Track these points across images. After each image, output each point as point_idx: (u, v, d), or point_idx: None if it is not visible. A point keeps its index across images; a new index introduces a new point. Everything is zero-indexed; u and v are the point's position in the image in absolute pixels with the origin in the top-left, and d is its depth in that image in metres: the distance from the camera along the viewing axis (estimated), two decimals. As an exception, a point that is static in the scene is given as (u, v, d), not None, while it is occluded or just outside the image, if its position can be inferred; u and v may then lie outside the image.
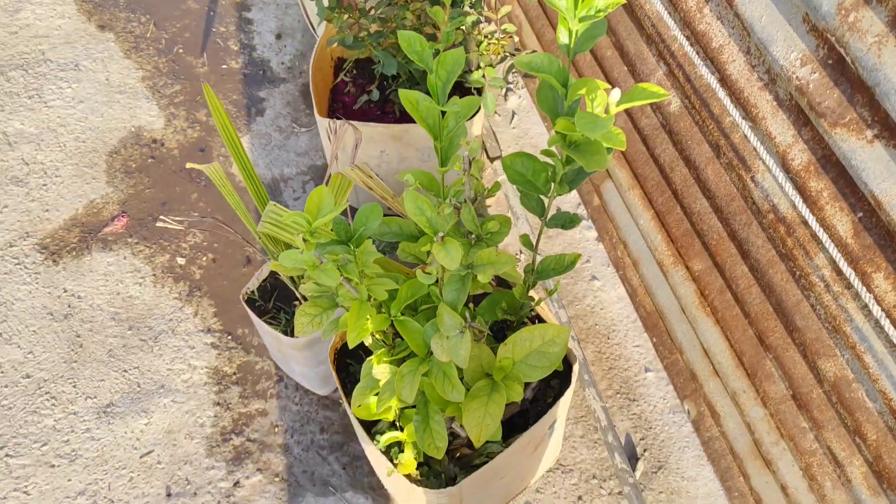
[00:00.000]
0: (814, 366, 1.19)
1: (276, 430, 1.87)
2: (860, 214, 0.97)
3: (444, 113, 1.15)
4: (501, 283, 1.49)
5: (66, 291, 2.04)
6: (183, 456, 1.83)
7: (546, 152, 1.06)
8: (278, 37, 2.56)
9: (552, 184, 1.08)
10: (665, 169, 1.52)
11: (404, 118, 1.97)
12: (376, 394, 1.26)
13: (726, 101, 1.14)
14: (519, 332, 1.17)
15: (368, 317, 1.19)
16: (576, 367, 1.36)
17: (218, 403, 1.90)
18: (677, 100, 1.39)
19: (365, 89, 1.92)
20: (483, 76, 1.79)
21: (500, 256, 1.07)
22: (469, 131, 1.87)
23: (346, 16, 1.54)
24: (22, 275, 2.06)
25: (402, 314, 1.24)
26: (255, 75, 2.47)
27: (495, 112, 2.37)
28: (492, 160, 2.19)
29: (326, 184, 1.50)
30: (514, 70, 2.40)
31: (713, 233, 1.40)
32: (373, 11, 1.63)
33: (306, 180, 2.25)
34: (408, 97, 1.14)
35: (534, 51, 1.80)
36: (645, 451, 1.85)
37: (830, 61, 0.94)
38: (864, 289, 0.95)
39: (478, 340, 1.19)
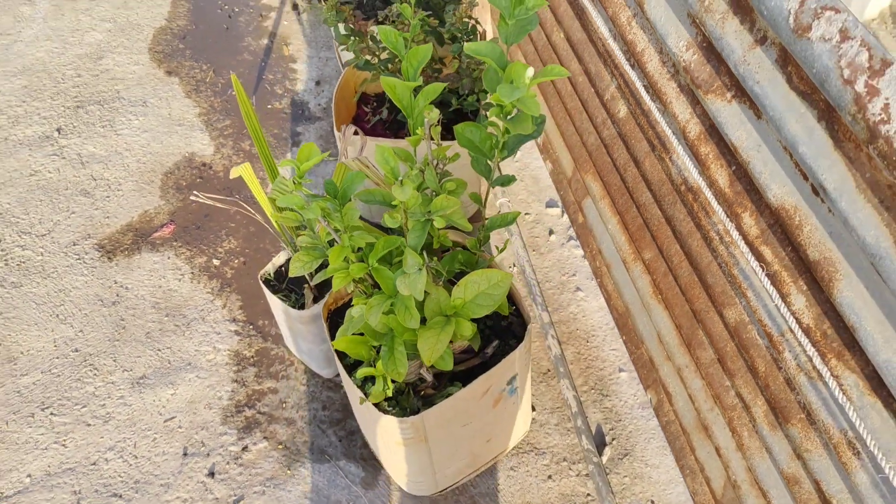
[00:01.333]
0: (723, 318, 1.38)
1: (284, 405, 2.10)
2: (733, 168, 1.19)
3: (415, 94, 1.43)
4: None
5: (115, 283, 2.35)
6: (201, 422, 2.07)
7: (489, 123, 1.33)
8: (317, 83, 2.94)
9: (495, 150, 1.34)
10: (621, 171, 1.76)
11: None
12: (359, 335, 1.50)
13: (646, 96, 1.40)
14: (470, 276, 1.41)
15: (349, 261, 1.44)
16: (530, 327, 1.58)
17: (235, 381, 2.15)
18: (624, 107, 1.65)
19: (377, 112, 2.23)
20: (477, 99, 2.08)
21: (450, 201, 1.33)
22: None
23: (359, 41, 1.87)
24: (80, 268, 2.39)
25: (379, 264, 1.49)
26: (294, 114, 2.84)
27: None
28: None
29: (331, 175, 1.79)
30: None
31: (654, 220, 1.63)
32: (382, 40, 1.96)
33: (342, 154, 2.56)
34: (387, 82, 1.43)
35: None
36: (613, 440, 2.01)
37: (705, 44, 1.20)
38: (735, 228, 1.16)
39: (436, 282, 1.43)
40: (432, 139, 1.37)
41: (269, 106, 2.86)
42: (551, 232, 2.43)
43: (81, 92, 2.90)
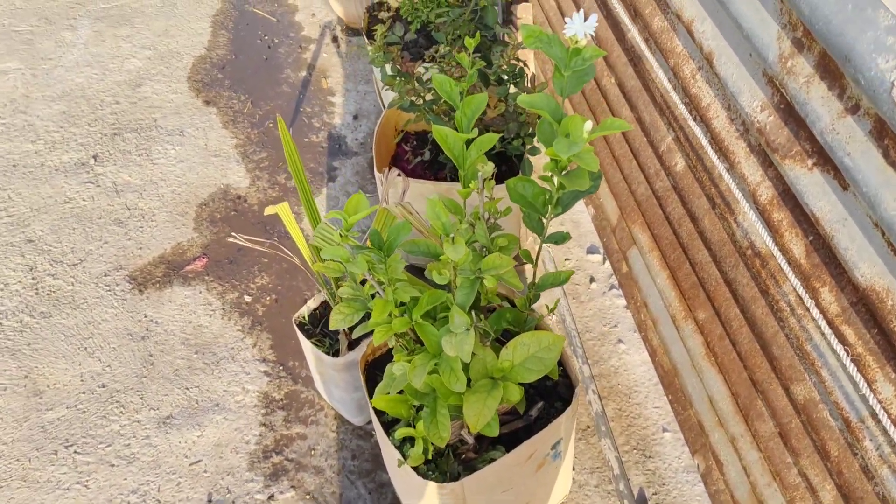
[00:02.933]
0: (790, 393, 1.29)
1: (313, 452, 2.03)
2: (811, 238, 1.11)
3: (468, 145, 1.37)
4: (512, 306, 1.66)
5: (146, 317, 2.31)
6: (227, 467, 2.00)
7: (543, 178, 1.26)
8: (355, 117, 2.90)
9: (549, 206, 1.27)
10: (675, 226, 1.69)
11: (455, 179, 2.21)
12: (398, 393, 1.43)
13: (712, 153, 1.32)
14: (519, 337, 1.34)
15: (391, 315, 1.38)
16: (577, 390, 1.50)
17: (264, 424, 2.08)
18: (682, 160, 1.58)
19: (419, 153, 2.18)
20: (522, 143, 2.02)
21: (503, 260, 1.26)
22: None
23: (405, 82, 1.82)
24: (111, 300, 2.35)
25: (423, 320, 1.42)
26: (331, 148, 2.80)
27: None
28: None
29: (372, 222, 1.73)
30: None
31: (711, 280, 1.55)
32: (428, 81, 1.90)
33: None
34: (439, 131, 1.37)
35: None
36: (657, 504, 1.91)
37: (782, 105, 1.12)
38: (814, 303, 1.08)
39: (483, 342, 1.36)
40: (486, 194, 1.31)
41: (306, 139, 2.83)
42: (592, 280, 2.35)
43: (119, 119, 2.89)
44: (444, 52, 1.89)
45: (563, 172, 1.21)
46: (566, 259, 2.41)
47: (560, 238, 1.30)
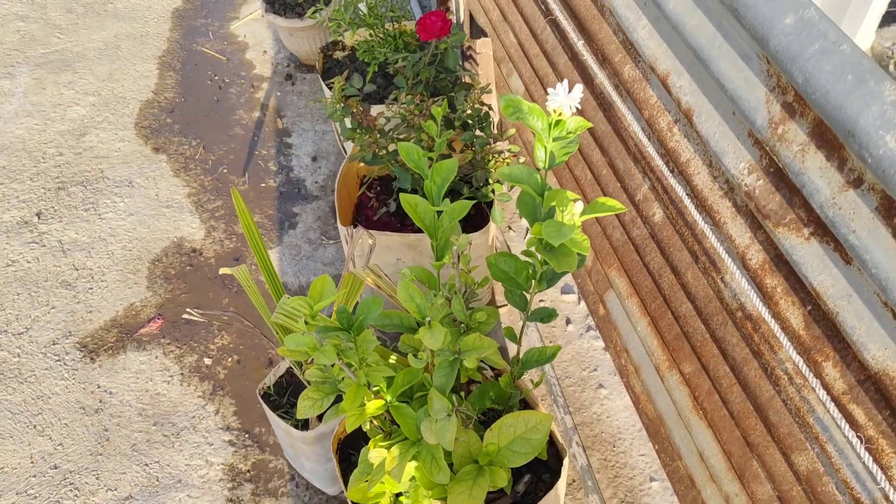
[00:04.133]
0: (790, 460, 1.23)
1: (285, 527, 1.91)
2: (809, 307, 1.05)
3: (440, 214, 1.28)
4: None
5: (99, 387, 2.16)
6: (193, 550, 1.87)
7: (526, 252, 1.18)
8: (314, 159, 2.79)
9: (533, 281, 1.19)
10: (655, 276, 1.62)
11: (421, 229, 2.12)
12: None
13: (694, 209, 1.25)
14: (504, 419, 1.25)
15: (365, 401, 1.28)
16: (566, 462, 1.41)
17: (230, 500, 1.95)
18: (660, 210, 1.51)
19: (385, 203, 2.09)
20: (492, 191, 1.94)
21: (484, 341, 1.17)
22: (484, 242, 2.01)
23: (366, 135, 1.73)
24: (61, 371, 2.20)
25: (398, 401, 1.33)
26: (290, 193, 2.68)
27: (510, 228, 2.52)
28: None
29: (337, 285, 1.64)
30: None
31: (697, 335, 1.48)
32: (391, 132, 1.81)
33: (350, 259, 2.39)
34: (408, 201, 1.28)
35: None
36: (650, 562, 1.83)
37: (772, 169, 1.06)
38: (816, 378, 1.01)
39: (466, 425, 1.27)
40: (461, 266, 1.22)
41: (263, 184, 2.71)
42: (568, 321, 2.28)
43: (63, 172, 2.74)
44: (406, 101, 1.80)
45: (548, 250, 1.13)
46: (540, 300, 2.34)
47: (547, 315, 1.22)
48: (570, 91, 0.98)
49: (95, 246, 2.51)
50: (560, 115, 1.00)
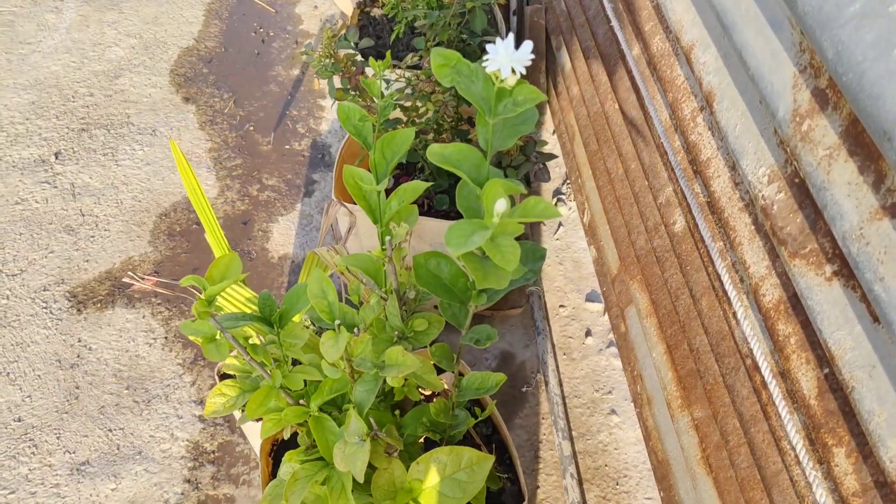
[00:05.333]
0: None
1: (239, 520, 1.75)
2: (826, 371, 0.77)
3: (387, 195, 1.06)
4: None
5: (79, 341, 2.05)
6: (139, 530, 1.73)
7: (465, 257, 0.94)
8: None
9: (471, 293, 0.95)
10: (673, 296, 1.34)
11: (430, 212, 1.89)
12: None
13: (710, 221, 0.98)
14: (433, 452, 1.02)
15: (277, 403, 1.08)
16: (524, 507, 1.18)
17: (188, 480, 1.80)
18: (681, 219, 1.24)
19: (398, 179, 1.87)
20: (504, 175, 1.69)
21: (407, 358, 0.94)
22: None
23: (359, 98, 1.51)
24: (45, 319, 2.10)
25: (324, 411, 1.12)
26: (314, 158, 2.50)
27: (541, 222, 2.26)
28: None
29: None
30: (567, 181, 2.29)
31: (710, 375, 1.20)
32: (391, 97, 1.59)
33: (324, 234, 2.20)
34: (351, 174, 1.06)
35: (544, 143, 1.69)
36: None
37: (797, 180, 0.78)
38: (823, 467, 0.74)
39: (391, 452, 1.05)
40: (394, 263, 0.99)
41: (288, 146, 2.54)
42: (588, 333, 2.01)
43: (90, 113, 2.64)
44: (413, 63, 1.57)
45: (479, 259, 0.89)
46: (561, 306, 2.08)
47: (485, 337, 0.97)
48: (516, 48, 0.73)
49: (106, 193, 2.40)
50: (501, 80, 0.75)
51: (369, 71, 1.60)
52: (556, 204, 2.28)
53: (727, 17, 0.84)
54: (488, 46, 0.75)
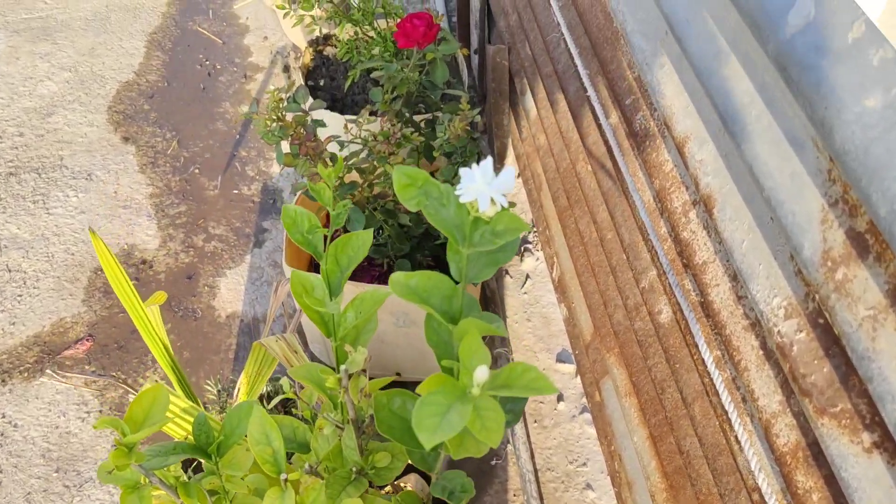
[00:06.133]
0: None
1: None
2: (863, 546, 0.66)
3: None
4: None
5: (3, 417, 1.86)
6: None
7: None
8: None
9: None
10: (658, 387, 1.23)
11: (390, 272, 1.76)
12: None
13: (705, 330, 0.87)
14: None
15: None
16: None
17: (125, 577, 1.63)
18: (667, 309, 1.12)
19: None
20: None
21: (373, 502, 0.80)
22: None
23: (310, 165, 1.37)
24: (-35, 391, 1.90)
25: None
26: (264, 204, 2.35)
27: (507, 273, 2.14)
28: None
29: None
30: (535, 228, 2.18)
31: (702, 483, 1.09)
32: (347, 158, 1.45)
33: (273, 317, 2.05)
34: (300, 281, 0.92)
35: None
36: None
37: (822, 321, 0.67)
38: None
39: None
40: (350, 392, 0.85)
41: (236, 191, 2.37)
42: (560, 398, 1.89)
43: (19, 155, 2.44)
44: (368, 120, 1.44)
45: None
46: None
47: (460, 488, 0.84)
48: (495, 175, 0.61)
49: (36, 245, 2.21)
50: (477, 211, 0.63)
51: (322, 133, 1.46)
52: (522, 255, 2.16)
53: (736, 122, 0.73)
54: (462, 171, 0.62)
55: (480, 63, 2.31)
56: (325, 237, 0.87)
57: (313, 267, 1.86)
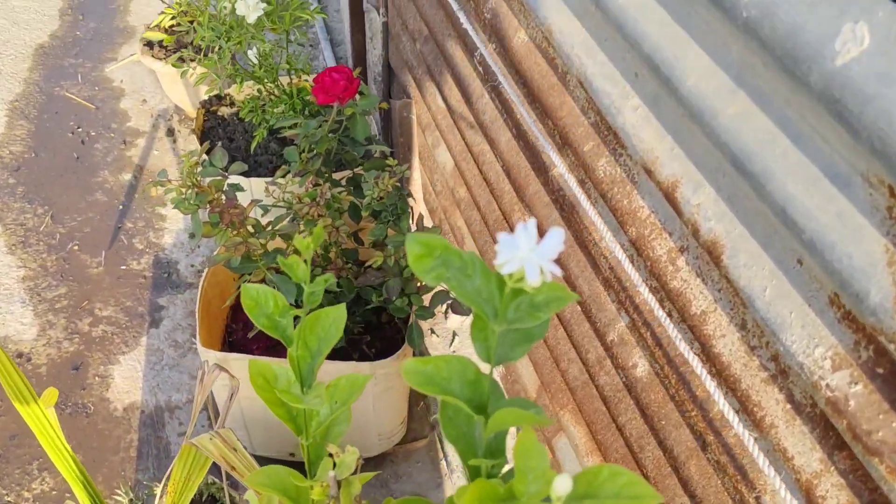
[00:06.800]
0: None
1: None
2: None
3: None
4: None
5: None
6: None
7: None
8: (192, 236, 2.25)
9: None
10: (633, 445, 1.16)
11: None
12: None
13: (714, 388, 0.80)
14: None
15: None
16: None
17: None
18: (645, 362, 1.06)
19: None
20: (409, 303, 1.46)
21: None
22: (396, 371, 1.52)
23: (231, 233, 1.23)
24: None
25: None
26: (158, 279, 2.14)
27: (432, 331, 2.04)
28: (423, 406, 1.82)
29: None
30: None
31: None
32: (270, 227, 1.32)
33: (199, 409, 1.84)
34: (261, 372, 0.79)
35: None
36: None
37: (881, 370, 0.62)
38: None
39: None
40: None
41: (124, 266, 2.15)
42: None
43: None
44: (292, 183, 1.32)
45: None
46: (467, 431, 1.85)
47: None
48: (539, 239, 0.51)
49: None
50: (519, 281, 0.53)
51: (243, 198, 1.32)
52: (446, 312, 2.07)
53: (750, 161, 0.68)
54: (501, 237, 0.53)
55: (384, 118, 2.24)
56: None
57: (228, 345, 1.69)
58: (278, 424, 1.55)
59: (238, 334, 1.70)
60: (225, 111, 2.06)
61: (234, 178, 1.32)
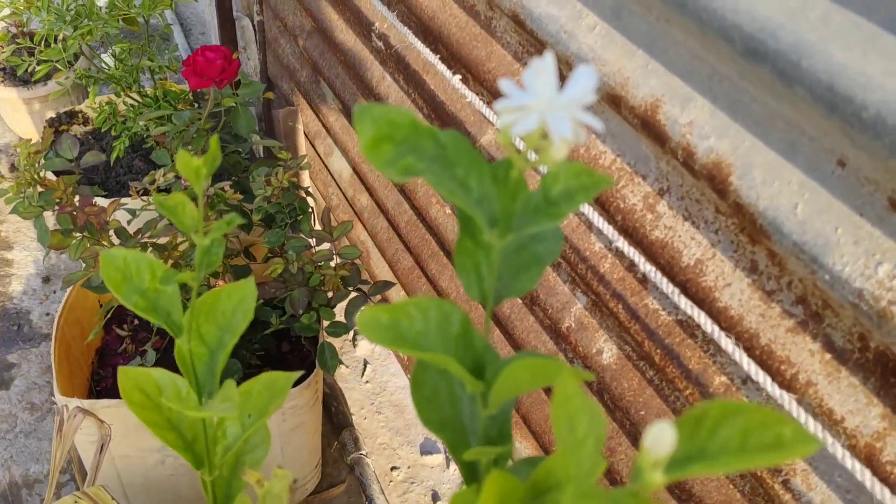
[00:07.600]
0: None
1: None
2: None
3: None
4: None
5: None
6: None
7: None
8: (46, 280, 1.93)
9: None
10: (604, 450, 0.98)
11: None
12: None
13: (729, 349, 0.64)
14: None
15: None
16: None
17: None
18: (612, 346, 0.90)
19: (141, 351, 1.30)
20: (317, 319, 1.24)
21: None
22: (307, 402, 1.29)
23: (87, 242, 0.97)
24: None
25: None
26: (6, 332, 1.80)
27: (340, 363, 1.81)
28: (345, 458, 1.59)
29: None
30: (363, 308, 1.88)
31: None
32: (139, 235, 1.07)
33: (62, 482, 1.52)
34: (135, 381, 0.56)
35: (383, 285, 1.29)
36: None
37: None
38: None
39: None
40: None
41: (-38, 322, 1.80)
42: (436, 497, 1.58)
43: None
44: (165, 183, 1.08)
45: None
46: (393, 468, 1.62)
47: None
48: (556, 77, 0.33)
49: None
50: (541, 148, 0.35)
51: (101, 201, 1.07)
52: (353, 339, 1.85)
53: (775, 38, 0.53)
54: (503, 84, 0.34)
55: (267, 130, 2.02)
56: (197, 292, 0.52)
57: (95, 395, 1.39)
58: (167, 479, 1.27)
59: (107, 382, 1.41)
60: (78, 130, 1.78)
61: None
